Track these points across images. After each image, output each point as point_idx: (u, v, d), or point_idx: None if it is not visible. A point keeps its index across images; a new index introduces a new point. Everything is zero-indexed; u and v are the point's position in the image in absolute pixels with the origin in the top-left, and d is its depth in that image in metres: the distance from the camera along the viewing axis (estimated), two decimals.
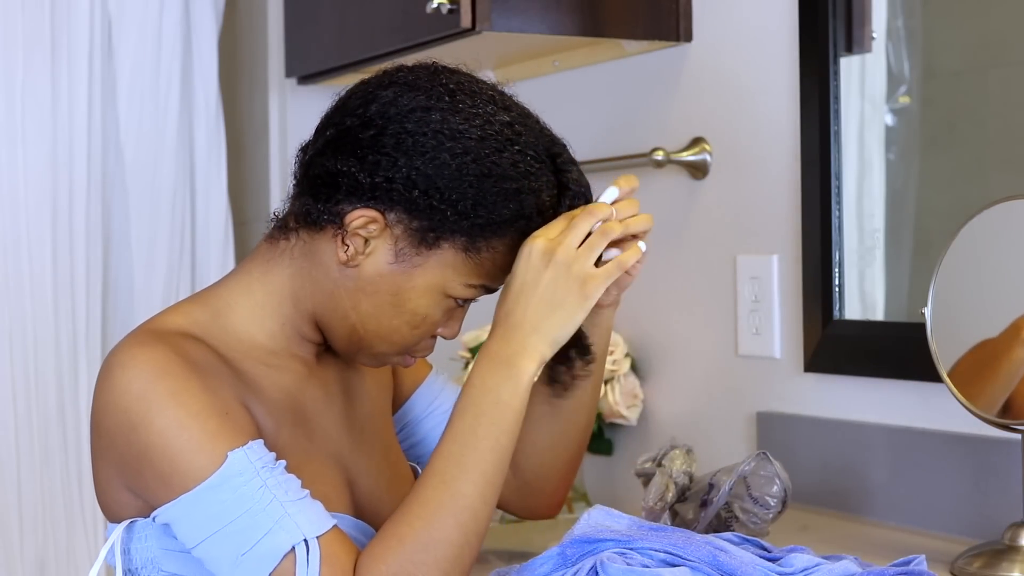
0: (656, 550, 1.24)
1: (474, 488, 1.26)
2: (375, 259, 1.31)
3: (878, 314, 1.94)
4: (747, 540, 1.33)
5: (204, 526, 1.23)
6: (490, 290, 1.36)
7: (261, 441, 1.26)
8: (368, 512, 1.40)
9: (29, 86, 2.64)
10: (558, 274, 1.30)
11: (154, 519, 1.27)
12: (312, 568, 1.21)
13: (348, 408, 1.43)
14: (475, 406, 1.28)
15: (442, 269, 1.31)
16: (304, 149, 1.37)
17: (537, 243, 1.31)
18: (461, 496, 1.25)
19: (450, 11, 2.05)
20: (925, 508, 1.77)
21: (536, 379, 1.31)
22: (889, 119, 1.97)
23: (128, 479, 1.29)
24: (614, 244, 1.34)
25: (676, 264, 2.20)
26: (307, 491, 1.26)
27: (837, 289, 1.91)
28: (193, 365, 1.27)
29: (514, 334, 1.30)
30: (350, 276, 1.32)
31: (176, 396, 1.24)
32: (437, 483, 1.26)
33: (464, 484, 1.25)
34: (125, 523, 1.32)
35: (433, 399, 1.57)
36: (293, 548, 1.21)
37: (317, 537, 1.22)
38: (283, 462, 1.26)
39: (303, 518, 1.23)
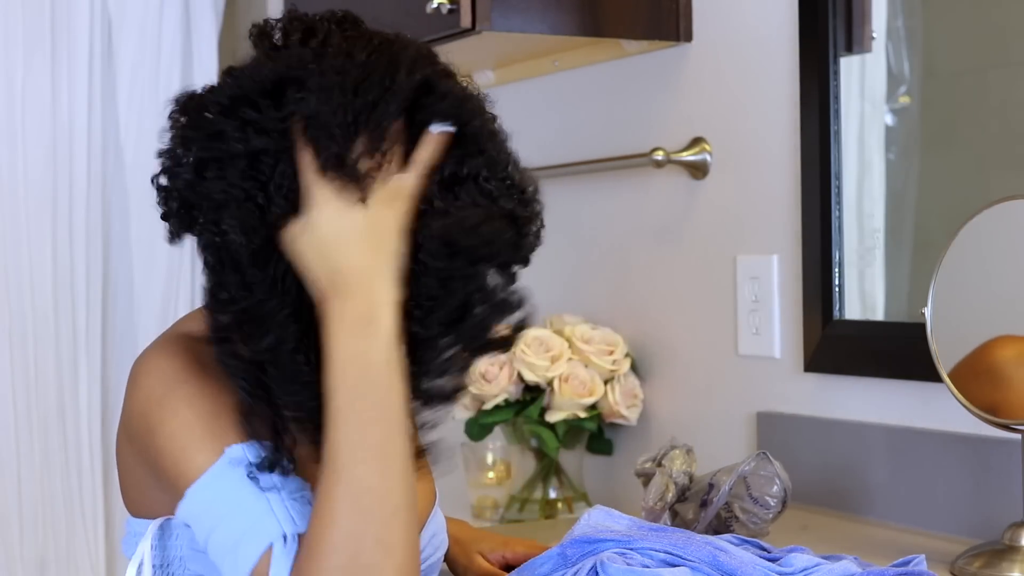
0: (656, 550, 1.24)
1: (369, 469, 1.15)
2: None
3: (878, 314, 1.94)
4: (747, 541, 1.33)
5: (204, 522, 1.22)
6: None
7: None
8: None
9: (29, 86, 2.64)
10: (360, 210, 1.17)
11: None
12: (282, 567, 1.17)
13: None
14: (344, 381, 1.16)
15: None
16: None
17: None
18: (356, 481, 1.14)
19: (450, 11, 2.05)
20: (925, 508, 1.77)
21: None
22: (889, 119, 1.97)
23: (156, 479, 1.30)
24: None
25: (676, 264, 2.20)
26: (308, 489, 1.23)
27: (837, 289, 1.91)
28: (211, 368, 1.26)
29: (356, 289, 1.17)
30: None
31: (190, 400, 1.24)
32: (329, 474, 1.15)
33: (358, 467, 1.14)
34: (160, 520, 1.32)
35: None
36: (271, 545, 1.19)
37: (299, 535, 1.19)
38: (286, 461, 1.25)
39: (285, 514, 1.20)
